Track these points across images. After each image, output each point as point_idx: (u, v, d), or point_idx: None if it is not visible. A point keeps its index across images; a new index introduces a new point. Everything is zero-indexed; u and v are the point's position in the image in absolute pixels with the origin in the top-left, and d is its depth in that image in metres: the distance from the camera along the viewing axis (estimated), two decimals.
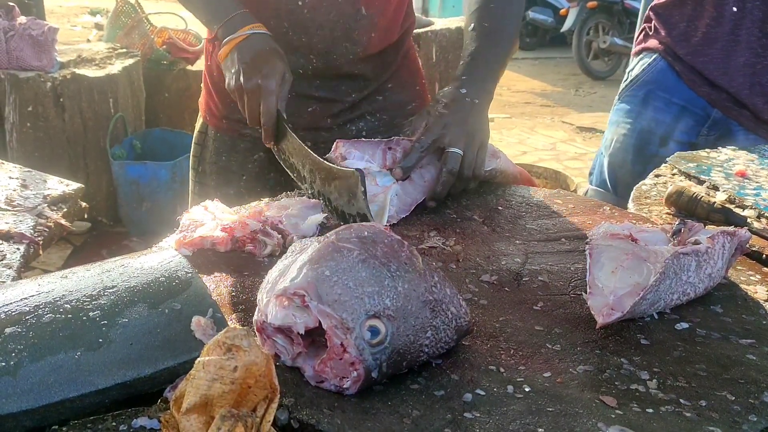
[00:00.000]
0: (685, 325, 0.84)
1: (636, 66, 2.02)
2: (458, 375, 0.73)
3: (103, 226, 3.56)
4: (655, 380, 0.73)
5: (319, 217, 1.05)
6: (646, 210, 1.27)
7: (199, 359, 0.59)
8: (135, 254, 0.84)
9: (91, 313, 0.70)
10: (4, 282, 1.02)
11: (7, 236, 1.16)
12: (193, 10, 1.31)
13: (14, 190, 1.36)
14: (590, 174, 2.19)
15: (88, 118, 3.36)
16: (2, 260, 1.09)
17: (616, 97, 2.09)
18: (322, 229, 1.05)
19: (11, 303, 0.71)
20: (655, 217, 1.24)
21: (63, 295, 0.72)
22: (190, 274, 0.78)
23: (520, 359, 0.76)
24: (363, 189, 1.04)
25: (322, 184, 1.13)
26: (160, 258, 0.81)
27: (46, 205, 1.34)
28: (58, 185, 1.44)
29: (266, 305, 0.71)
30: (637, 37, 2.07)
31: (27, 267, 1.15)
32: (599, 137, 3.58)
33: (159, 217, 3.36)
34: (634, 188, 1.39)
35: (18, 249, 1.13)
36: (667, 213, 1.25)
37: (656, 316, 0.86)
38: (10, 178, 1.42)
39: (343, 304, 0.67)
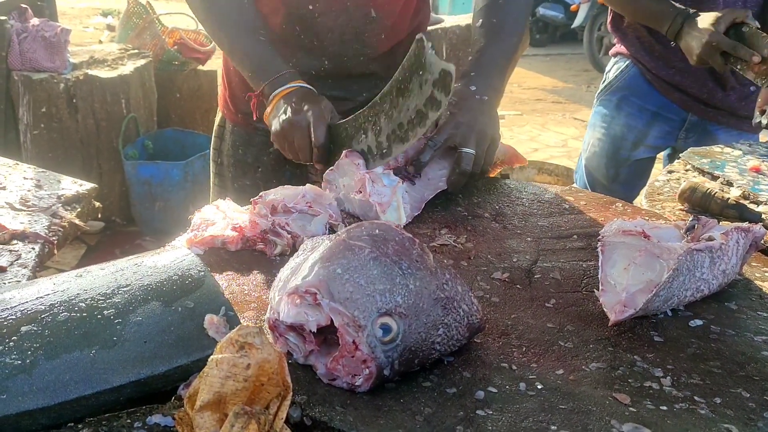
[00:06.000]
0: (699, 322, 0.84)
1: (612, 69, 1.99)
2: (470, 372, 0.73)
3: (116, 225, 3.59)
4: (668, 377, 0.72)
5: (323, 217, 1.06)
6: (659, 206, 1.27)
7: (212, 357, 0.59)
8: (148, 253, 0.85)
9: (105, 312, 0.71)
10: (19, 281, 1.03)
11: (22, 236, 1.17)
12: (238, 63, 1.32)
13: (29, 191, 1.38)
14: (576, 172, 2.18)
15: (100, 119, 3.39)
16: (18, 260, 1.10)
17: (595, 99, 2.07)
18: (331, 228, 1.06)
19: (27, 302, 0.71)
20: (668, 213, 1.23)
21: (78, 293, 0.73)
22: (202, 273, 0.78)
23: (532, 357, 0.76)
24: (431, 44, 1.02)
25: (388, 123, 1.10)
26: (172, 257, 0.81)
27: (60, 205, 1.35)
28: (72, 185, 1.45)
29: (278, 303, 0.72)
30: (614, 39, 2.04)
31: (42, 266, 1.16)
32: None
33: (171, 216, 3.38)
34: (647, 184, 1.38)
35: (33, 249, 1.14)
36: (681, 209, 1.25)
37: (669, 313, 0.85)
38: (25, 178, 1.44)
39: (354, 301, 0.67)
